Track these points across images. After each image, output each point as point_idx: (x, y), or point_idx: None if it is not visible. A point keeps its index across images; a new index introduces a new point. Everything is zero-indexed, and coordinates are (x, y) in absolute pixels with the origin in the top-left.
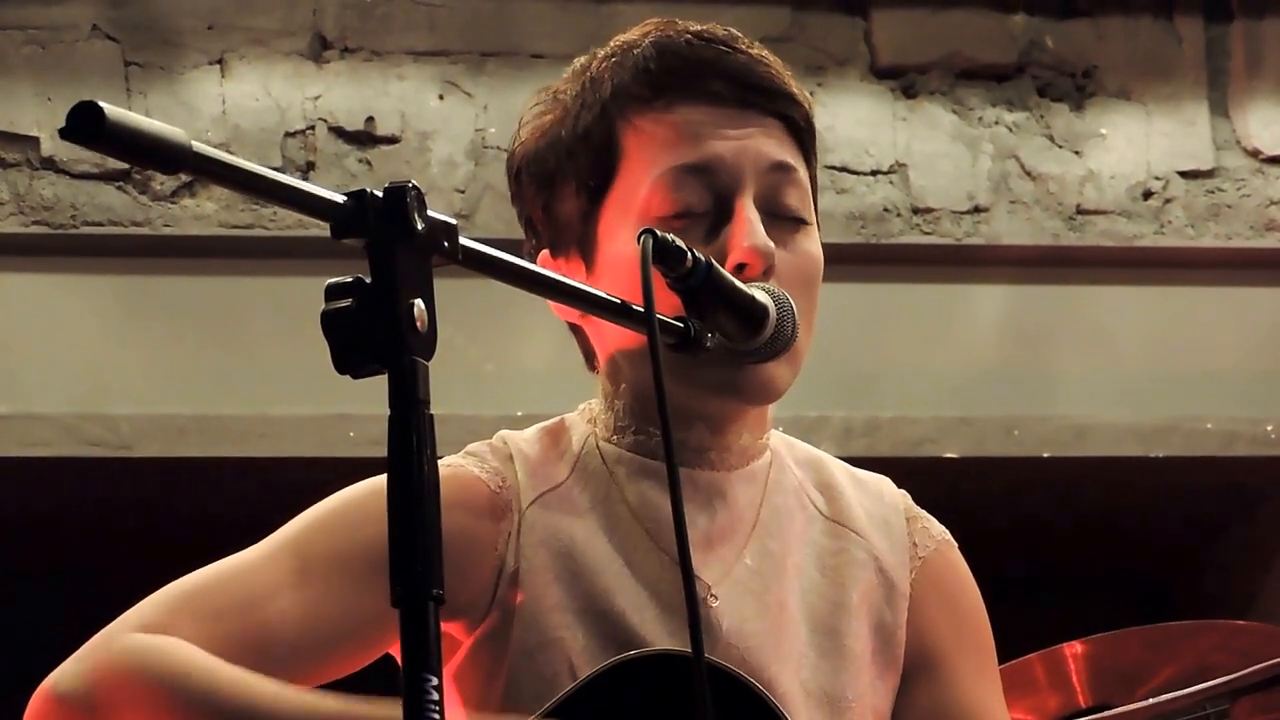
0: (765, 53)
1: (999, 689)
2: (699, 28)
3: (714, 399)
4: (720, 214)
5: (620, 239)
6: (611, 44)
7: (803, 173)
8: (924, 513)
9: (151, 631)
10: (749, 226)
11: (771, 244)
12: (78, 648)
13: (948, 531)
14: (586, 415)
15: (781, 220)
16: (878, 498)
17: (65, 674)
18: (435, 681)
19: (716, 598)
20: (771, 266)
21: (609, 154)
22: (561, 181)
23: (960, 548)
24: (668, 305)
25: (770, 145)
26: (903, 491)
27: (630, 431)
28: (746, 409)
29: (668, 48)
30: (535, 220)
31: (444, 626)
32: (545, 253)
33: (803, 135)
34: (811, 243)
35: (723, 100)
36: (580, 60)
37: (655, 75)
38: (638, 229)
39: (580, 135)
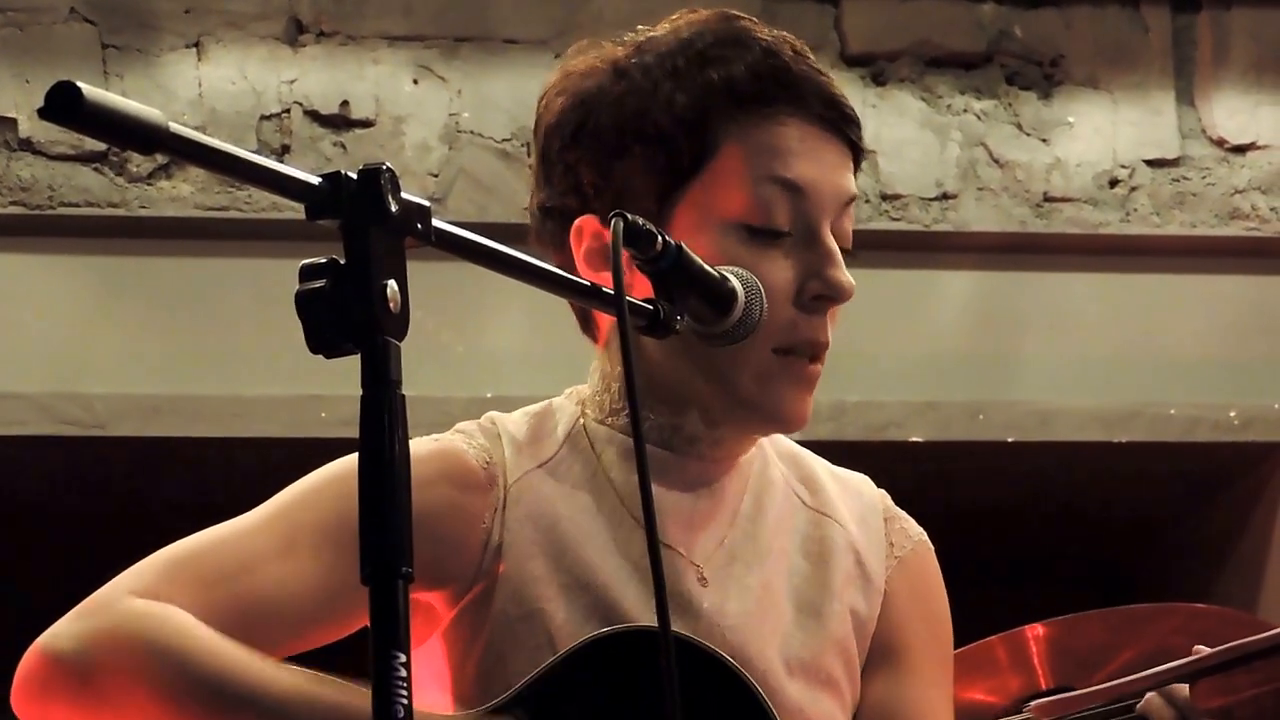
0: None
1: (950, 695)
2: (782, 34)
3: (738, 412)
4: (802, 238)
5: (701, 232)
6: (689, 26)
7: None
8: (902, 513)
9: (147, 597)
10: (837, 260)
11: (853, 283)
12: (53, 625)
13: (925, 533)
14: (574, 399)
15: (841, 251)
16: (857, 495)
17: (61, 634)
18: (404, 659)
19: (707, 580)
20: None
21: (705, 142)
22: (642, 154)
23: (926, 530)
24: (641, 289)
25: (847, 178)
26: (882, 491)
27: (623, 414)
28: (764, 427)
29: (775, 53)
30: (586, 184)
31: (428, 596)
32: (590, 218)
33: (860, 161)
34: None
35: (820, 121)
36: (644, 34)
37: (766, 83)
38: (720, 224)
39: (675, 115)
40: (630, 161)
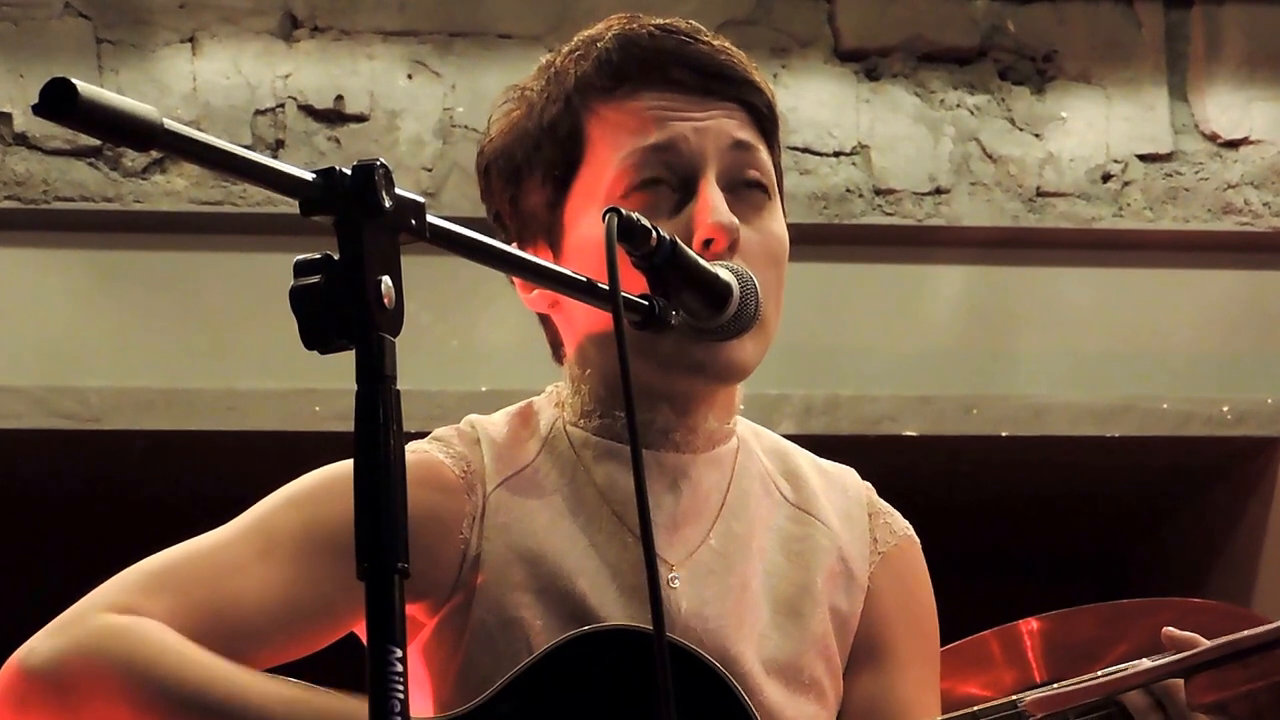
0: (727, 44)
1: (937, 691)
2: (662, 21)
3: (681, 377)
4: (685, 194)
5: (586, 223)
6: (575, 39)
7: (765, 153)
8: (887, 507)
9: (123, 610)
10: (713, 203)
11: (735, 219)
12: (47, 619)
13: (911, 528)
14: (554, 399)
15: (745, 196)
16: (842, 490)
17: (36, 650)
18: (400, 654)
19: (678, 580)
20: (736, 242)
21: (574, 143)
22: (528, 174)
23: (918, 525)
24: (632, 284)
25: (732, 125)
26: (867, 484)
27: (596, 415)
28: (714, 388)
29: (630, 39)
30: (503, 214)
31: (409, 607)
32: (513, 246)
33: (765, 122)
34: (776, 222)
35: (684, 87)
36: (546, 57)
37: (617, 65)
38: (602, 207)
39: (546, 127)
40: (525, 182)
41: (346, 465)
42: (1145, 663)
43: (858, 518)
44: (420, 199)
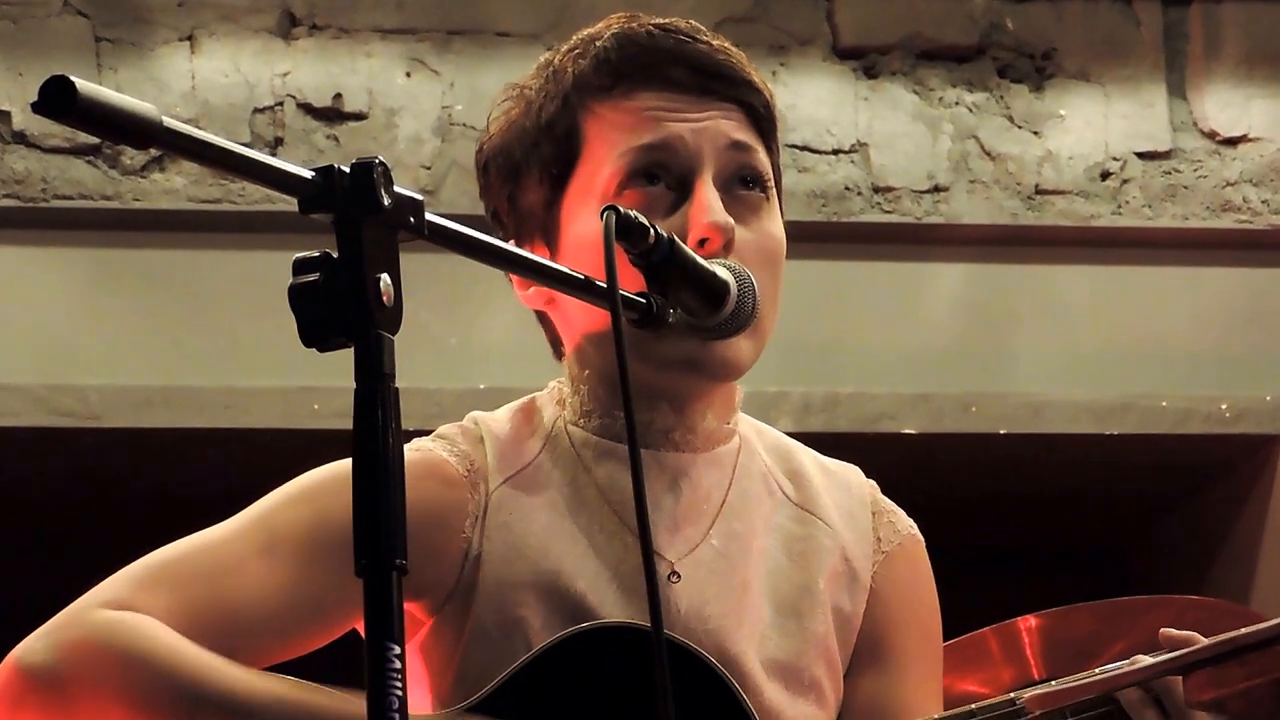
0: (726, 43)
1: (940, 691)
2: (661, 20)
3: (677, 375)
4: (681, 193)
5: (582, 221)
6: (574, 38)
7: (762, 154)
8: (892, 506)
9: (120, 607)
10: (708, 203)
11: (730, 219)
12: (46, 617)
13: (915, 526)
14: (556, 396)
15: (742, 197)
16: (845, 489)
17: (32, 648)
18: (398, 650)
19: (679, 576)
20: (731, 241)
21: (571, 142)
22: (526, 172)
23: (917, 522)
24: (630, 282)
25: (729, 126)
26: (871, 482)
27: (596, 415)
28: (710, 386)
29: (628, 38)
30: (501, 212)
31: (408, 605)
32: (511, 244)
33: (763, 122)
34: (773, 222)
35: (682, 87)
36: (545, 55)
37: (615, 64)
38: (600, 210)
39: (543, 126)
40: (523, 180)
41: (349, 463)
42: (1143, 660)
43: (861, 516)
44: (419, 196)
